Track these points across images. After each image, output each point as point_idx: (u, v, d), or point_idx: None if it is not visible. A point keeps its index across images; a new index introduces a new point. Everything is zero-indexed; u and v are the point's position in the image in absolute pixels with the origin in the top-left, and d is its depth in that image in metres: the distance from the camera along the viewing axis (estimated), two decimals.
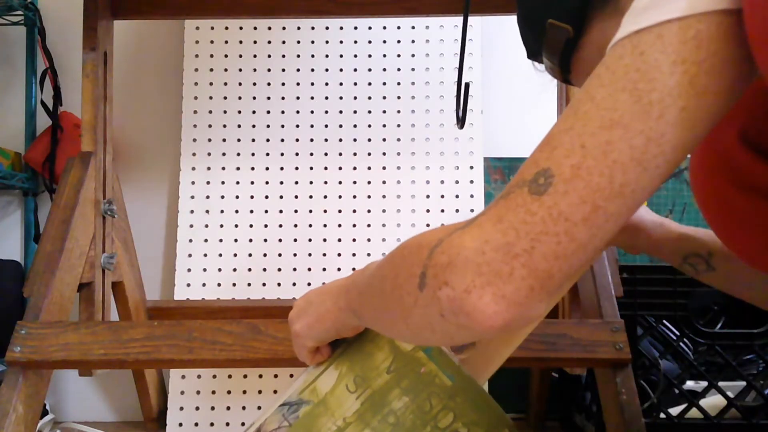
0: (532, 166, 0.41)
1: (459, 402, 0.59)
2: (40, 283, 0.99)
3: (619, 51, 0.40)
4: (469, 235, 0.40)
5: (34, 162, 1.49)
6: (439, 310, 0.41)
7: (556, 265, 0.39)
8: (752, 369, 1.09)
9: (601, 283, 1.00)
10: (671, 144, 0.39)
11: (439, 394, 0.59)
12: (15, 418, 0.89)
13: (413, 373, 0.59)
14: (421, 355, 0.60)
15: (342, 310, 0.59)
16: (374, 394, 0.60)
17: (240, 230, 1.46)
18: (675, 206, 1.46)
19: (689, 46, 0.38)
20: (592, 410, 1.18)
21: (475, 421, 0.59)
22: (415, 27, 1.53)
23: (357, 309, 0.56)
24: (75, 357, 0.92)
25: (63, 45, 1.55)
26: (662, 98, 0.38)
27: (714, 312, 1.18)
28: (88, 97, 1.15)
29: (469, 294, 0.39)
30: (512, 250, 0.38)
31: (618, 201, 0.39)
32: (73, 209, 1.07)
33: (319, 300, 0.62)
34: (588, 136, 0.39)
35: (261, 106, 1.51)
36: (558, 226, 0.38)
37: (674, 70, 0.39)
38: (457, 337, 0.43)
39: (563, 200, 0.38)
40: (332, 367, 0.63)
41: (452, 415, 0.59)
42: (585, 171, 0.39)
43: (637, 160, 0.39)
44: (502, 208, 0.40)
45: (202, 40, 1.52)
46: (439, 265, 0.40)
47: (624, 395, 0.88)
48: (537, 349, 0.89)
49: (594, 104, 0.40)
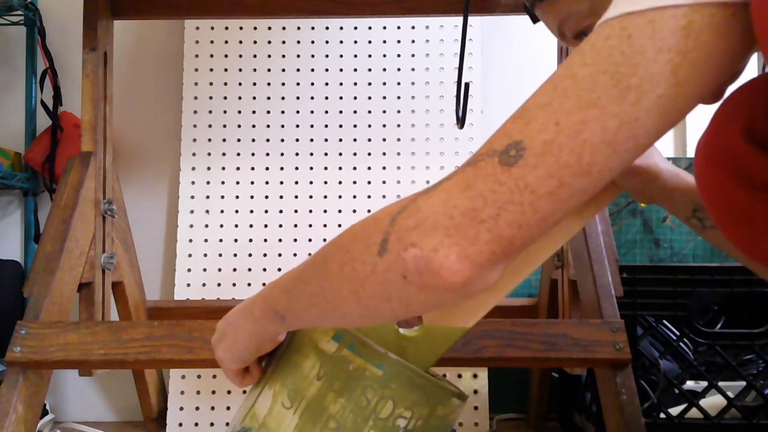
0: (503, 137, 0.42)
1: (395, 388, 0.57)
2: (40, 283, 0.99)
3: (607, 31, 0.41)
4: (437, 199, 0.42)
5: (34, 162, 1.49)
6: (402, 272, 0.42)
7: (519, 233, 0.41)
8: (752, 369, 1.09)
9: (601, 283, 1.00)
10: (644, 129, 0.40)
11: (372, 386, 0.57)
12: (15, 418, 0.89)
13: (343, 372, 0.58)
14: (346, 353, 0.58)
15: (258, 321, 0.57)
16: (310, 404, 0.58)
17: (240, 230, 1.46)
18: None
19: (678, 36, 0.39)
20: (592, 410, 1.18)
21: (416, 401, 0.58)
22: (415, 27, 1.53)
23: (281, 308, 0.54)
24: (75, 357, 0.92)
25: (63, 45, 1.55)
26: (641, 84, 0.39)
27: (714, 312, 1.18)
28: (88, 97, 1.15)
29: (436, 252, 0.41)
30: (479, 216, 0.40)
31: (584, 179, 0.40)
32: (73, 209, 1.07)
33: (234, 319, 0.61)
34: (564, 114, 0.40)
35: (261, 106, 1.51)
36: (524, 197, 0.40)
37: (658, 58, 0.39)
38: (415, 303, 0.44)
39: (531, 173, 0.40)
40: (266, 387, 0.62)
41: (391, 403, 0.57)
42: (556, 147, 0.40)
43: (607, 142, 0.40)
44: (470, 176, 0.41)
45: (202, 40, 1.52)
46: (404, 229, 0.42)
47: (624, 395, 0.88)
48: (537, 349, 0.89)
49: (574, 82, 0.41)
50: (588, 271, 1.02)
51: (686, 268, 1.09)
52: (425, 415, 0.59)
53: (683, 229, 1.46)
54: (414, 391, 0.58)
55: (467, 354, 0.89)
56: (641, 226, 1.47)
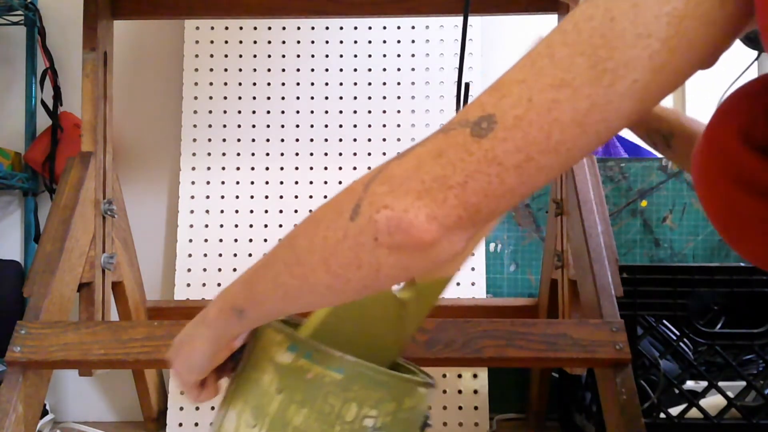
0: (478, 109, 0.43)
1: (357, 390, 0.57)
2: (40, 283, 0.99)
3: (591, 11, 0.41)
4: (409, 164, 0.44)
5: (34, 162, 1.49)
6: (373, 233, 0.43)
7: (485, 201, 0.42)
8: (752, 369, 1.09)
9: (601, 283, 0.99)
10: (616, 112, 0.40)
11: (334, 391, 0.56)
12: (15, 418, 0.89)
13: (302, 382, 0.57)
14: (303, 362, 0.57)
15: (212, 324, 0.57)
16: (273, 419, 0.57)
17: (240, 230, 1.46)
18: (675, 206, 1.46)
19: (661, 22, 0.39)
20: (592, 410, 1.18)
21: (381, 398, 0.57)
22: (415, 27, 1.53)
23: (240, 302, 0.54)
24: (75, 357, 0.92)
25: (63, 45, 1.55)
26: (617, 68, 0.40)
27: (714, 312, 1.18)
28: (88, 97, 1.15)
29: (407, 212, 0.42)
30: (447, 182, 0.42)
31: (551, 156, 0.41)
32: (73, 209, 1.07)
33: (188, 330, 0.60)
34: (537, 91, 0.41)
35: (261, 106, 1.51)
36: (491, 168, 0.41)
37: (636, 43, 0.39)
38: (384, 268, 0.45)
39: (500, 146, 0.41)
40: (230, 408, 0.60)
41: (356, 405, 0.57)
42: (526, 123, 0.41)
43: (577, 122, 0.40)
44: (442, 143, 0.43)
45: (202, 40, 1.52)
46: (377, 194, 0.44)
47: (624, 395, 0.88)
48: (537, 349, 0.89)
49: (551, 62, 0.41)
50: (588, 271, 1.02)
51: (686, 268, 1.09)
52: (392, 410, 0.58)
53: (683, 229, 1.46)
54: (377, 389, 0.57)
55: (467, 354, 0.89)
56: (641, 226, 1.47)
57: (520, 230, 1.50)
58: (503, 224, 1.50)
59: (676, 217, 1.46)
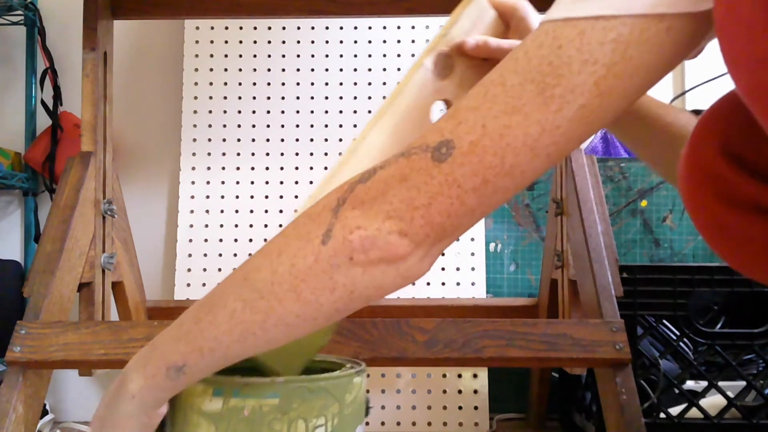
0: (437, 134, 0.45)
1: (297, 406, 0.55)
2: (40, 283, 0.99)
3: (541, 38, 0.43)
4: (377, 189, 0.46)
5: (34, 162, 1.49)
6: (348, 254, 0.45)
7: (449, 221, 0.45)
8: (752, 369, 1.09)
9: (601, 283, 0.99)
10: (565, 137, 0.43)
11: (276, 417, 0.55)
12: (15, 418, 0.89)
13: (241, 422, 0.55)
14: (235, 402, 0.55)
15: (136, 397, 0.53)
16: None
17: (240, 230, 1.46)
18: (675, 206, 1.46)
19: (605, 49, 0.40)
20: (592, 410, 1.18)
21: (324, 404, 0.57)
22: (415, 27, 1.53)
23: (179, 357, 0.50)
24: (75, 357, 0.92)
25: (63, 45, 1.55)
26: (564, 94, 0.41)
27: (714, 312, 1.18)
28: (88, 97, 1.14)
29: (380, 231, 0.45)
30: (413, 204, 0.45)
31: (507, 179, 0.44)
32: (73, 209, 1.07)
33: (107, 412, 0.57)
34: (490, 118, 0.43)
35: (261, 106, 1.51)
36: (452, 191, 0.44)
37: (582, 69, 0.41)
38: (358, 288, 0.46)
39: (459, 170, 0.44)
40: None
41: (302, 421, 0.55)
42: (481, 149, 0.43)
43: (529, 147, 0.43)
44: (405, 168, 0.45)
45: (202, 40, 1.52)
46: (349, 218, 0.46)
47: (624, 395, 0.88)
48: (537, 349, 0.89)
49: (503, 89, 0.43)
50: (588, 271, 1.02)
51: (686, 268, 1.09)
52: (337, 410, 0.58)
53: (683, 229, 1.46)
54: (317, 397, 0.56)
55: (467, 354, 0.89)
56: (641, 226, 1.47)
57: (520, 230, 1.50)
58: (503, 224, 1.50)
59: (676, 217, 1.46)
